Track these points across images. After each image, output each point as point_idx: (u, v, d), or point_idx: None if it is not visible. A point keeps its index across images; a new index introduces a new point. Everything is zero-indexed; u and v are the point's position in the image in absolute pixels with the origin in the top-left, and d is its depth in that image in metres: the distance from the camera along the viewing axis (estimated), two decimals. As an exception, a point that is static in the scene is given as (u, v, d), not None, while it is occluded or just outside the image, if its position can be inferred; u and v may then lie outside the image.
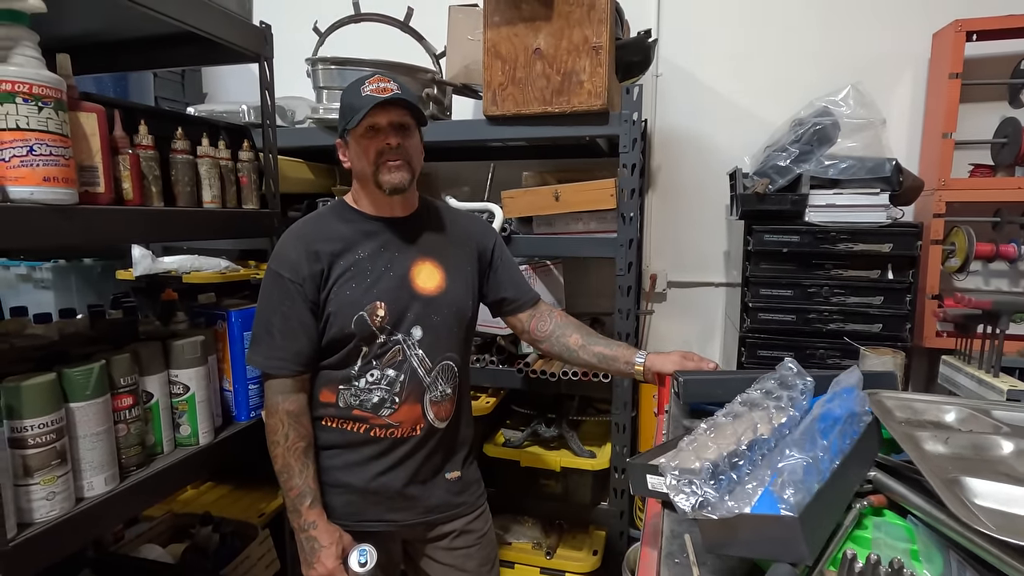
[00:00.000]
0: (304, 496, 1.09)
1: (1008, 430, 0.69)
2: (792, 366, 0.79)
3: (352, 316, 1.09)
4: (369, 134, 1.09)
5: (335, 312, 1.10)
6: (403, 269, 1.14)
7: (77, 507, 0.95)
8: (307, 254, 1.10)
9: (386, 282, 1.12)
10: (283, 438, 1.10)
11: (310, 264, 1.09)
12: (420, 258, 1.17)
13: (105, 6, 1.03)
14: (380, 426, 1.14)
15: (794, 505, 0.51)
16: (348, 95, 1.11)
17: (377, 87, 1.07)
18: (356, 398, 1.13)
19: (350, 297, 1.10)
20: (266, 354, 1.10)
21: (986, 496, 0.55)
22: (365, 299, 1.10)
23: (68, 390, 0.94)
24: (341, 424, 1.15)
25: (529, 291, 1.34)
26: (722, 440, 0.65)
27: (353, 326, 1.09)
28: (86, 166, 0.97)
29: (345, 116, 1.10)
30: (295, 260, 1.09)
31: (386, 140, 1.09)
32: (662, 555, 0.61)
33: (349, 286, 1.10)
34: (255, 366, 1.14)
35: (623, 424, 1.75)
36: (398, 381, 1.13)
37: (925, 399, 0.80)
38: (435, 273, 1.18)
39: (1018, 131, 1.78)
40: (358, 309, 1.09)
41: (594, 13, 1.58)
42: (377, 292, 1.11)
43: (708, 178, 2.16)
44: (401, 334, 1.13)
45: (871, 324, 1.80)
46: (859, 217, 1.76)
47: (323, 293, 1.10)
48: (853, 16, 2.00)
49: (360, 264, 1.12)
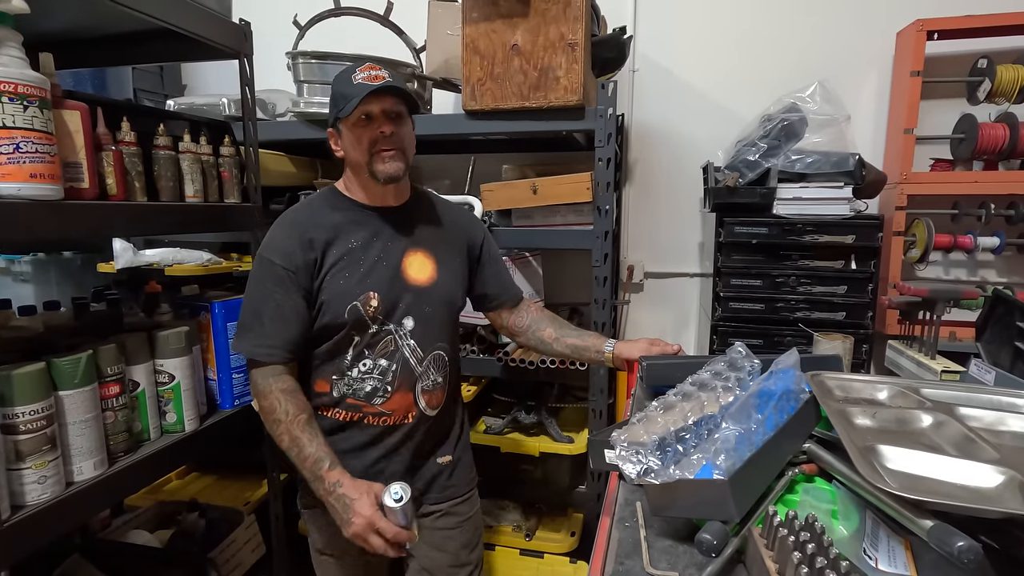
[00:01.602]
0: (321, 461, 1.06)
1: (931, 405, 0.76)
2: (741, 349, 0.85)
3: (346, 305, 1.10)
4: (362, 122, 1.09)
5: (328, 301, 1.10)
6: (395, 259, 1.15)
7: (67, 490, 0.99)
8: (300, 242, 1.09)
9: (379, 272, 1.12)
10: (283, 414, 1.07)
11: (304, 252, 1.09)
12: (412, 249, 1.18)
13: (85, 3, 1.05)
14: (373, 414, 1.16)
15: (725, 470, 0.57)
16: (339, 84, 1.10)
17: (369, 75, 1.07)
18: (349, 387, 1.15)
19: (343, 286, 1.10)
20: (255, 342, 1.08)
21: (897, 461, 0.61)
22: (359, 289, 1.10)
23: (57, 379, 0.97)
24: (335, 413, 1.16)
25: (512, 288, 1.38)
26: (671, 417, 0.71)
27: (347, 315, 1.10)
28: (70, 162, 1.00)
29: (337, 104, 1.10)
30: (288, 248, 1.09)
31: (380, 128, 1.09)
32: (614, 520, 0.67)
33: (343, 275, 1.10)
34: (242, 353, 1.12)
35: (600, 410, 1.82)
36: (390, 371, 1.15)
37: (862, 379, 0.87)
38: (427, 264, 1.19)
39: (975, 127, 1.86)
40: (352, 299, 1.10)
41: (570, 10, 1.62)
42: (371, 282, 1.11)
43: (683, 171, 2.23)
44: (393, 324, 1.14)
45: (835, 312, 1.88)
46: (824, 210, 1.83)
47: (316, 281, 1.10)
48: (821, 15, 2.06)
49: (353, 253, 1.12)
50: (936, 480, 0.58)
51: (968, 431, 0.68)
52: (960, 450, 0.64)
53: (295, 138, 1.91)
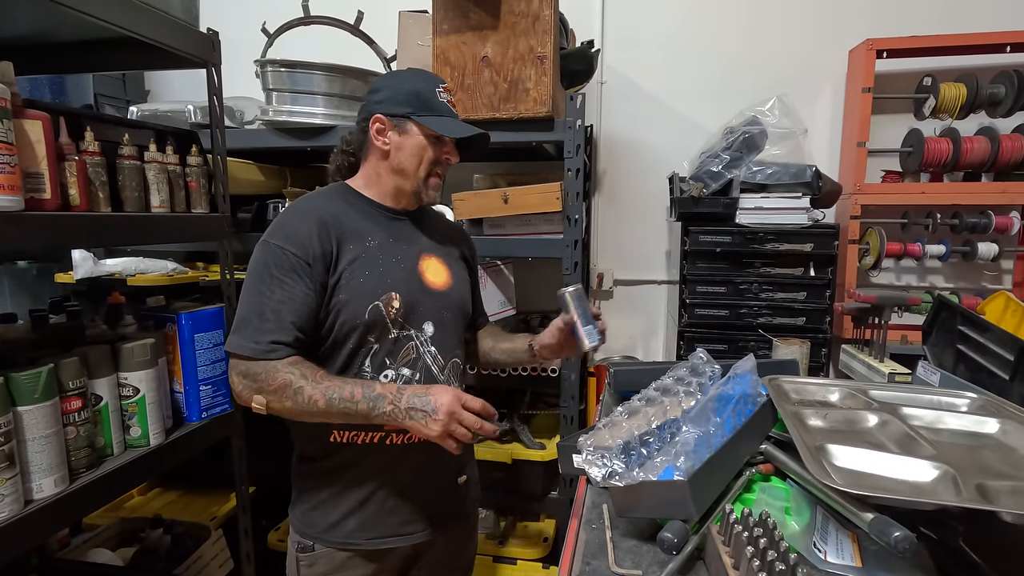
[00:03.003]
0: (367, 386, 0.96)
1: (877, 406, 0.81)
2: (702, 355, 0.89)
3: (367, 305, 1.03)
4: (436, 140, 1.07)
5: (347, 300, 1.02)
6: (412, 262, 1.11)
7: (26, 509, 0.96)
8: (318, 231, 1.02)
9: (398, 273, 1.08)
10: (303, 379, 0.95)
11: (321, 243, 1.01)
12: (426, 253, 1.14)
13: (46, 10, 1.04)
14: (397, 432, 1.07)
15: (685, 471, 0.60)
16: (424, 86, 1.07)
17: (451, 99, 1.09)
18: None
19: (364, 285, 1.03)
20: (255, 337, 0.96)
21: (844, 459, 0.65)
22: (380, 288, 1.04)
23: (16, 394, 0.95)
24: (352, 437, 1.07)
25: (485, 313, 1.38)
26: (635, 421, 0.74)
27: (367, 315, 1.03)
28: (31, 173, 0.98)
29: (416, 107, 1.05)
30: (304, 236, 1.00)
31: (448, 155, 1.09)
32: (582, 522, 0.69)
33: (362, 273, 1.04)
34: (241, 351, 0.97)
35: (571, 416, 1.84)
36: (414, 380, 1.08)
37: (816, 382, 0.92)
38: (441, 269, 1.16)
39: (921, 141, 1.97)
40: (373, 298, 1.03)
41: (539, 24, 1.66)
42: (391, 283, 1.06)
43: (650, 181, 2.29)
44: (414, 330, 1.08)
45: (796, 318, 1.96)
46: (784, 219, 1.91)
47: (333, 277, 1.02)
48: (779, 32, 2.16)
49: (371, 252, 1.06)
50: (879, 476, 0.63)
51: (909, 429, 0.72)
52: (901, 447, 0.69)
53: (264, 146, 1.89)
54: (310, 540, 1.09)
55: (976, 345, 1.13)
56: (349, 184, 1.15)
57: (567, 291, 1.12)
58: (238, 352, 0.97)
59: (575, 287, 1.12)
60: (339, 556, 1.08)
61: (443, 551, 1.19)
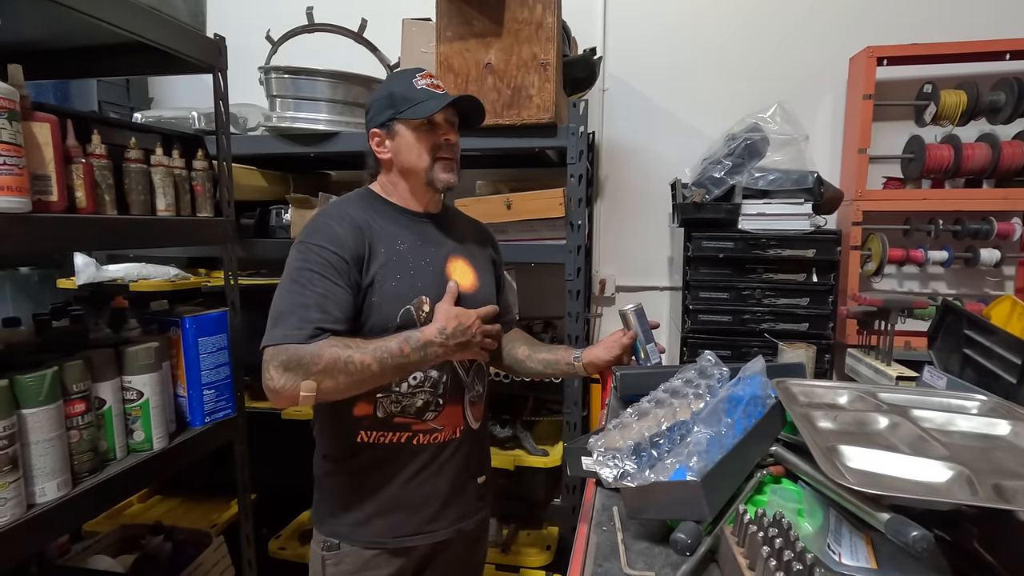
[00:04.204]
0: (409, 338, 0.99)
1: (887, 408, 0.80)
2: (711, 358, 0.89)
3: (399, 309, 1.05)
4: (427, 127, 1.08)
5: (379, 304, 1.04)
6: (440, 265, 1.12)
7: (28, 513, 0.95)
8: (354, 232, 1.03)
9: (428, 277, 1.09)
10: (348, 348, 0.95)
11: (356, 244, 1.03)
12: (453, 255, 1.15)
13: (57, 15, 1.04)
14: (424, 432, 1.09)
15: (698, 471, 0.59)
16: (399, 86, 1.08)
17: (431, 82, 1.08)
18: (397, 404, 1.08)
19: (396, 289, 1.05)
20: (299, 325, 0.94)
21: (857, 460, 0.65)
22: (411, 292, 1.06)
23: (20, 396, 0.94)
24: (379, 437, 1.08)
25: (511, 313, 1.38)
26: (645, 423, 0.74)
27: (399, 319, 1.04)
28: (39, 175, 0.98)
29: (396, 105, 1.07)
30: (342, 236, 1.02)
31: (445, 136, 1.09)
32: (592, 524, 0.68)
33: (394, 277, 1.05)
34: (287, 340, 0.93)
35: (574, 422, 1.84)
36: (441, 382, 1.10)
37: (824, 385, 0.92)
38: (468, 271, 1.17)
39: (922, 148, 1.98)
40: (405, 302, 1.05)
41: (542, 31, 1.68)
42: (422, 286, 1.07)
43: (652, 187, 2.29)
44: None
45: (799, 323, 1.96)
46: (786, 225, 1.91)
47: (365, 279, 1.03)
48: (780, 40, 2.17)
49: (402, 256, 1.07)
50: (892, 477, 0.62)
51: (921, 431, 0.72)
52: (914, 448, 0.68)
53: (267, 152, 1.90)
54: (336, 539, 1.11)
55: (982, 349, 1.13)
56: (372, 189, 1.17)
57: (630, 308, 1.15)
58: (282, 342, 0.93)
59: (636, 305, 1.18)
60: (365, 554, 1.10)
61: (459, 550, 1.21)
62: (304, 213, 1.90)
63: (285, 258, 1.04)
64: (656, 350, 1.19)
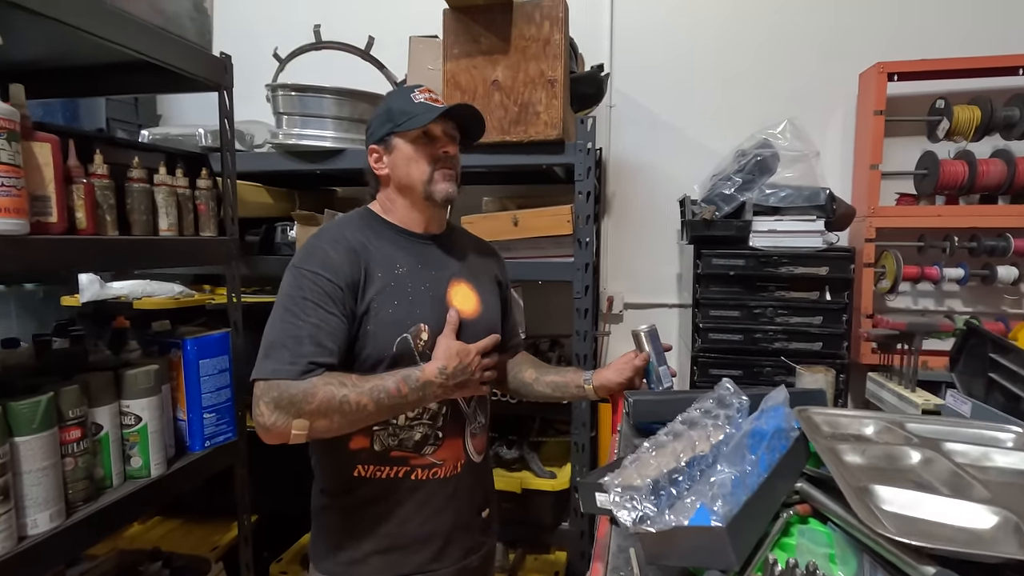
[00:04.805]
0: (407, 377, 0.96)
1: (918, 441, 0.76)
2: (729, 386, 0.85)
3: (395, 337, 1.00)
4: (424, 140, 1.05)
5: (374, 332, 0.99)
6: (441, 290, 1.07)
7: (19, 546, 0.92)
8: (349, 258, 0.99)
9: (427, 303, 1.04)
10: (343, 387, 0.91)
11: (352, 270, 0.99)
12: (456, 279, 1.11)
13: (61, 35, 1.03)
14: (423, 467, 1.04)
15: (723, 516, 0.55)
16: (397, 101, 1.07)
17: (429, 96, 1.06)
18: (394, 438, 1.03)
19: (393, 316, 1.00)
20: (292, 360, 0.91)
21: (892, 502, 0.61)
22: (409, 320, 1.02)
23: (13, 424, 0.91)
24: (376, 472, 1.03)
25: (518, 336, 1.33)
26: (663, 458, 0.70)
27: (395, 348, 1.00)
28: (38, 196, 0.96)
29: (394, 120, 1.05)
30: (337, 262, 0.98)
31: (443, 148, 1.06)
32: (608, 569, 0.64)
33: (391, 303, 1.01)
34: (277, 375, 0.91)
35: (582, 443, 1.79)
36: (440, 415, 1.05)
37: (848, 414, 0.88)
38: (470, 295, 1.12)
39: (936, 164, 1.94)
40: (402, 330, 1.01)
41: (549, 48, 1.66)
42: (420, 313, 1.03)
43: (660, 204, 2.27)
44: None
45: (812, 343, 1.91)
46: (798, 242, 1.88)
47: (360, 305, 0.99)
48: (789, 55, 2.15)
49: (400, 281, 1.03)
50: (932, 522, 0.58)
51: (956, 467, 0.68)
52: (952, 488, 0.64)
53: (273, 169, 1.89)
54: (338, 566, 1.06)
55: (1009, 373, 1.09)
56: (372, 209, 1.13)
57: (643, 329, 1.12)
58: (272, 376, 0.90)
59: (650, 326, 1.14)
60: None
61: None
62: (309, 230, 1.88)
63: (290, 275, 1.01)
64: (668, 373, 1.15)
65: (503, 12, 1.66)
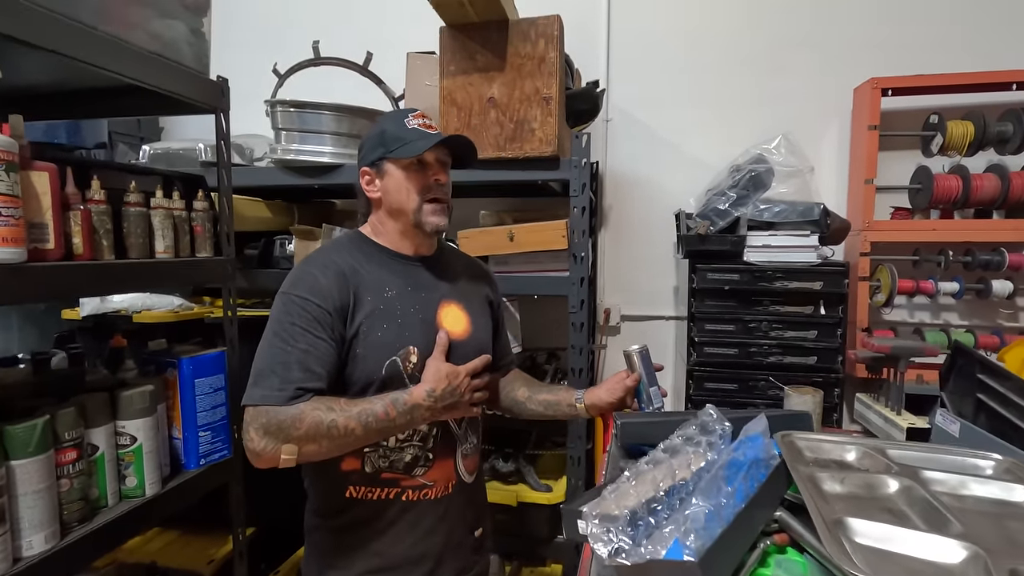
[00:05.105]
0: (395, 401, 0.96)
1: (897, 469, 0.77)
2: (712, 412, 0.86)
3: (383, 361, 1.01)
4: (416, 167, 1.05)
5: (364, 355, 1.00)
6: (431, 312, 1.08)
7: (14, 568, 0.93)
8: (338, 283, 1.00)
9: (417, 326, 1.05)
10: (331, 412, 0.92)
11: (340, 294, 0.99)
12: (446, 300, 1.11)
13: (58, 64, 1.05)
14: (413, 488, 1.05)
15: (695, 550, 0.56)
16: (391, 125, 1.07)
17: (423, 122, 1.07)
18: (385, 459, 1.04)
19: (382, 339, 1.01)
20: (280, 386, 0.92)
21: (865, 535, 0.62)
22: (398, 343, 1.02)
23: (9, 447, 0.93)
24: (367, 493, 1.04)
25: (510, 354, 1.35)
26: (642, 487, 0.71)
27: (384, 371, 1.00)
28: (36, 223, 0.98)
29: (387, 144, 1.05)
30: (326, 287, 0.99)
31: (435, 176, 1.06)
32: (588, 597, 0.65)
33: (380, 327, 1.01)
34: (266, 402, 0.92)
35: (578, 456, 1.80)
36: (431, 436, 1.06)
37: (831, 439, 0.88)
38: (461, 316, 1.12)
39: (930, 178, 1.95)
40: (391, 353, 1.01)
41: (544, 66, 1.68)
42: (410, 336, 1.03)
43: (656, 217, 2.28)
44: None
45: (807, 357, 1.92)
46: (792, 257, 1.89)
47: (349, 330, 1.00)
48: (784, 71, 2.17)
49: (390, 304, 1.03)
50: (903, 556, 0.59)
51: (932, 498, 0.69)
52: (926, 521, 0.65)
53: (272, 184, 1.91)
54: None
55: (997, 395, 1.09)
56: (362, 232, 1.14)
57: (635, 349, 1.13)
58: (261, 403, 0.92)
59: (641, 346, 1.15)
60: None
61: None
62: (308, 244, 1.90)
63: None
64: (659, 394, 1.16)
65: (499, 30, 1.67)
